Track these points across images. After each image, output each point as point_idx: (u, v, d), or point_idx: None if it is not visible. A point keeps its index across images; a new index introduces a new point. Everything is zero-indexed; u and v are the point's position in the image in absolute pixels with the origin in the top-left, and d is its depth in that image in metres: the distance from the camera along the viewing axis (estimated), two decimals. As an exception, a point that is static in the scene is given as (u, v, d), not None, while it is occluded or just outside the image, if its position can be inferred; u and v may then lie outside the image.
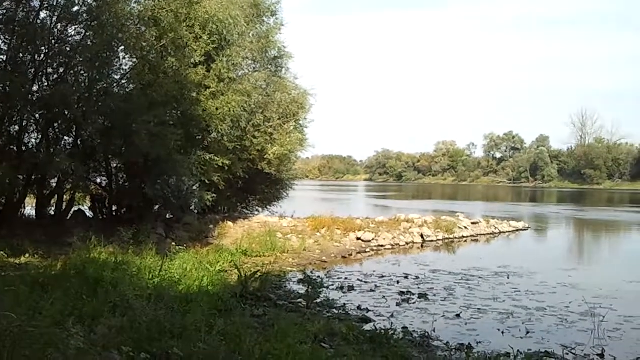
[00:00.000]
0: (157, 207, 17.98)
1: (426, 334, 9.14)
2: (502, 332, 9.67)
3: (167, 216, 18.35)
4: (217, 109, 15.86)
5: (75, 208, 17.59)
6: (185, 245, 14.68)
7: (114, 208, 18.09)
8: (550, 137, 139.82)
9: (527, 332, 9.66)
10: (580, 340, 9.18)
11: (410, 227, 22.91)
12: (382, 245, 20.45)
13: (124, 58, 15.72)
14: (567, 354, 8.44)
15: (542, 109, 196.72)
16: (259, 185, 21.38)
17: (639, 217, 39.42)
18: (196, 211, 18.87)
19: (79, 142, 15.82)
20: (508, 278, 14.65)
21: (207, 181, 16.65)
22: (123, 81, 16.03)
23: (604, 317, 10.36)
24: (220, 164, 16.62)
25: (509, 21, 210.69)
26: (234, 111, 16.05)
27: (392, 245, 20.83)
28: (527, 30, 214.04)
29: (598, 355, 8.48)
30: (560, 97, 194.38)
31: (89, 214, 18.21)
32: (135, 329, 6.68)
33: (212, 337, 6.63)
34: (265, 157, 19.25)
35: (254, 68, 19.27)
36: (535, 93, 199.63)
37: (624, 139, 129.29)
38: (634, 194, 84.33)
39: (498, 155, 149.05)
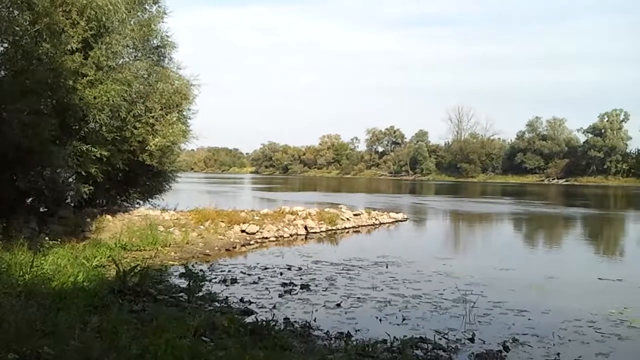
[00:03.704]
0: (29, 199, 17.08)
1: (307, 324, 9.28)
2: (380, 320, 9.99)
3: (41, 209, 17.47)
4: (95, 98, 15.23)
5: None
6: (60, 240, 14.09)
7: (-18, 201, 17.02)
8: (429, 132, 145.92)
9: (404, 319, 10.03)
10: (452, 326, 9.64)
11: (295, 219, 23.15)
12: (266, 238, 20.52)
13: (-6, 43, 14.80)
14: (440, 339, 8.83)
15: (422, 105, 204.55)
16: (140, 177, 20.75)
17: (508, 208, 41.79)
18: (72, 204, 18.05)
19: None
20: (387, 267, 15.13)
21: (84, 173, 15.98)
22: (-7, 67, 15.09)
23: (474, 303, 10.97)
24: (98, 155, 15.99)
25: (389, 20, 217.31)
26: (113, 100, 15.47)
27: (276, 237, 20.94)
28: (407, 29, 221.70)
29: (469, 339, 8.92)
30: (439, 94, 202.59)
31: (-47, 207, 17.05)
32: (4, 328, 6.35)
33: (86, 335, 6.44)
34: (147, 148, 18.70)
35: (135, 57, 18.63)
36: (415, 90, 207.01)
37: (497, 135, 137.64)
38: (505, 187, 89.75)
39: (380, 149, 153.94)
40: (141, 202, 22.30)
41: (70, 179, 16.79)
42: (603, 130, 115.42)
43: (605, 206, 49.31)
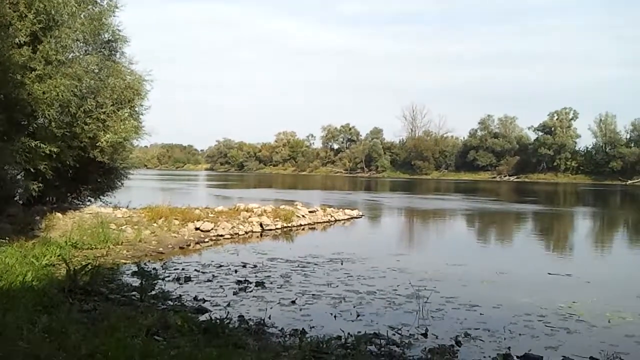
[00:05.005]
0: (-24, 197, 16.62)
1: (262, 322, 9.23)
2: (335, 316, 10.02)
3: (-12, 207, 17.02)
4: (44, 92, 14.85)
5: None
6: (8, 238, 13.70)
7: None
8: (384, 130, 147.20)
9: (358, 315, 10.08)
10: (406, 321, 9.72)
11: (250, 217, 23.04)
12: (221, 235, 20.34)
13: (-63, 36, 14.28)
14: (394, 334, 8.91)
15: (377, 102, 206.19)
16: (91, 174, 20.33)
17: (461, 205, 42.45)
18: (21, 202, 17.64)
19: None
20: (342, 264, 15.19)
21: (32, 170, 15.60)
22: (-64, 61, 14.56)
23: (427, 298, 11.06)
24: (48, 152, 15.60)
25: (345, 19, 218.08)
26: (62, 96, 15.11)
27: (231, 234, 20.78)
28: (362, 27, 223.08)
29: (422, 334, 9.01)
30: (393, 92, 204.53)
31: None
32: (-53, 330, 6.16)
33: (34, 335, 6.27)
34: (98, 144, 18.28)
35: (86, 51, 18.21)
36: (370, 87, 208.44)
37: (450, 133, 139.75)
38: (458, 184, 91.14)
39: (335, 146, 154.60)
40: (92, 199, 21.89)
41: (19, 176, 16.39)
42: (553, 129, 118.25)
43: (554, 203, 50.51)
